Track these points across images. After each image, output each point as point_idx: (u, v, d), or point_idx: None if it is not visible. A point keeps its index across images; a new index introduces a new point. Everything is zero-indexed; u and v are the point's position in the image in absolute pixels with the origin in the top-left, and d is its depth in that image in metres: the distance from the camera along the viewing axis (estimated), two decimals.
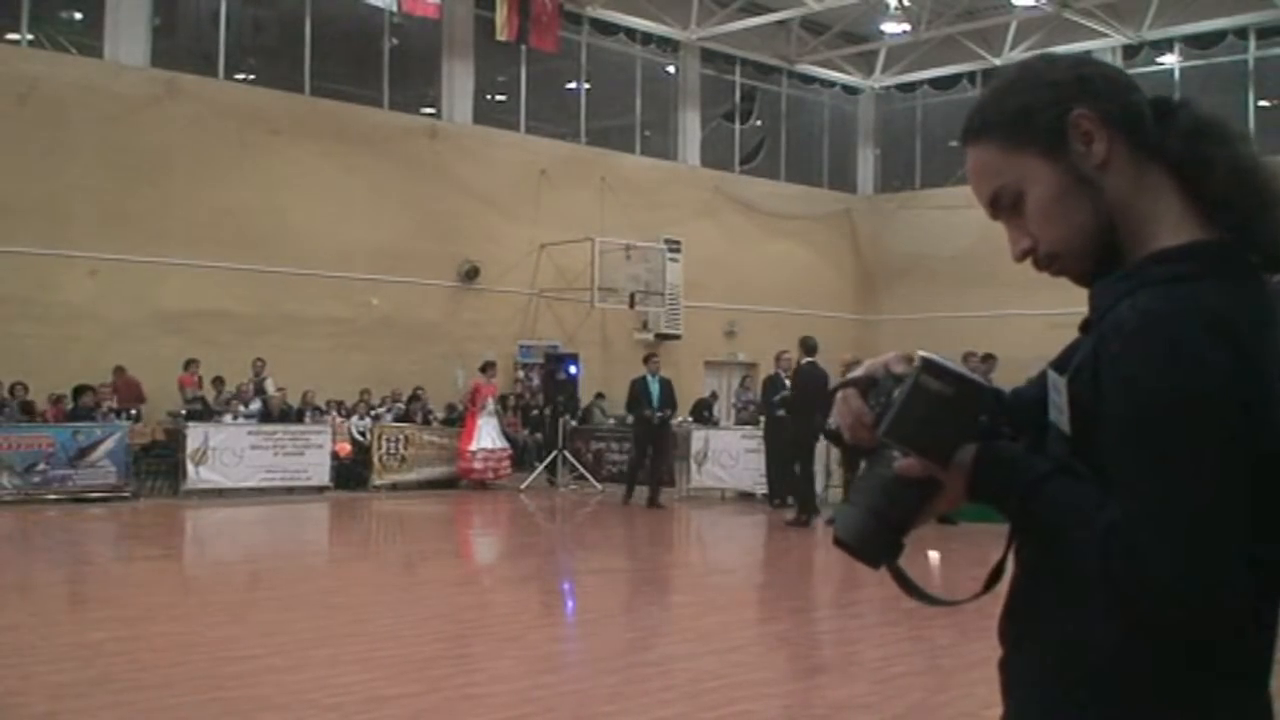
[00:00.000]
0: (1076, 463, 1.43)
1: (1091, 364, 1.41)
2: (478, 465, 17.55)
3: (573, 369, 19.34)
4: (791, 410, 13.98)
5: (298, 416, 17.24)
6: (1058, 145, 1.48)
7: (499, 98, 23.64)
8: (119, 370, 17.38)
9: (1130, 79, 1.54)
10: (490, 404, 17.81)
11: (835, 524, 1.53)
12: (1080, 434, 1.43)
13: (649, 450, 15.85)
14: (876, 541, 1.50)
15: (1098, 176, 1.47)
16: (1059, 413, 1.47)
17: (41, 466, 14.66)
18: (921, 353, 1.45)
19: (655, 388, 15.82)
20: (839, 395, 1.55)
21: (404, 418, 18.38)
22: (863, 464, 1.60)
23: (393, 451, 17.44)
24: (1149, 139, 1.48)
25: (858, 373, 1.54)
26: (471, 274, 21.88)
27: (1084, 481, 1.41)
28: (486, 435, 17.60)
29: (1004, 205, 1.53)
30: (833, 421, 1.55)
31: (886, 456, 1.49)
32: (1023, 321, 21.89)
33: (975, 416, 1.45)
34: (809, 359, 13.95)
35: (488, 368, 18.24)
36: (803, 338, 14.34)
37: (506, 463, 17.91)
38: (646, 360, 16.18)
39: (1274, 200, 1.45)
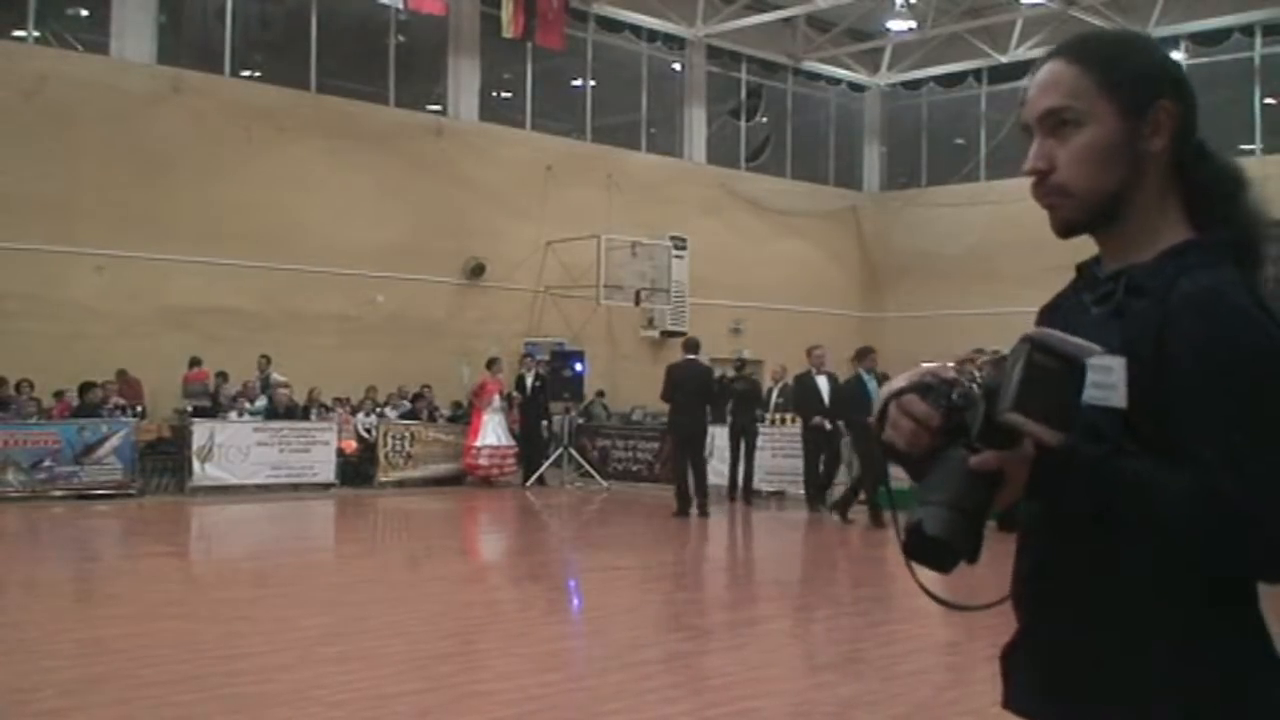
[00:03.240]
0: (1126, 441, 1.48)
1: (1153, 339, 1.48)
2: (483, 462, 17.58)
3: (578, 366, 19.32)
4: (676, 405, 14.21)
5: (304, 413, 17.25)
6: (1135, 114, 1.58)
7: (505, 95, 23.65)
8: (121, 374, 17.34)
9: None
10: (497, 401, 17.81)
11: (921, 525, 1.50)
12: (1140, 410, 1.47)
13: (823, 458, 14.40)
14: (966, 536, 1.50)
15: (1144, 160, 1.58)
16: (1107, 390, 1.49)
17: (47, 463, 14.67)
18: (1031, 332, 1.51)
19: (826, 386, 14.05)
20: (892, 406, 1.54)
21: (410, 415, 18.39)
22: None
23: (399, 448, 17.47)
24: (1186, 156, 1.60)
25: (898, 384, 1.54)
26: (477, 271, 21.88)
27: (1143, 456, 1.46)
28: (492, 432, 17.63)
29: (1053, 123, 1.60)
30: (887, 434, 1.55)
31: (954, 456, 1.50)
32: (1027, 318, 21.73)
33: (1079, 392, 1.48)
34: (689, 356, 14.27)
35: (493, 364, 18.25)
36: (686, 338, 15.29)
37: (512, 460, 17.93)
38: (809, 353, 14.16)
39: (1264, 257, 1.57)
